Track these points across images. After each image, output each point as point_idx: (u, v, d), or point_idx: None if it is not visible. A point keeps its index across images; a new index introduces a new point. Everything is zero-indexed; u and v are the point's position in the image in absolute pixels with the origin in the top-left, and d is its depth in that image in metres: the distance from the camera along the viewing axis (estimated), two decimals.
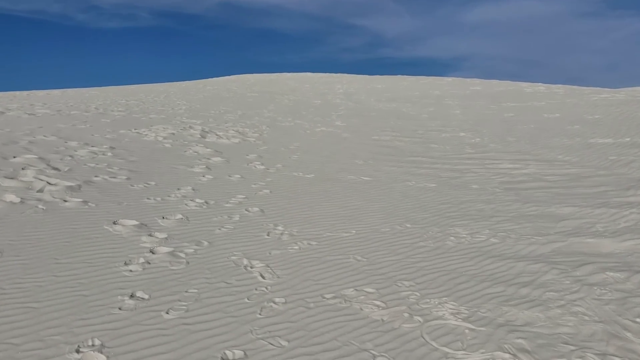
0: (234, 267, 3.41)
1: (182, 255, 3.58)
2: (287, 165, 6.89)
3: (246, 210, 4.74)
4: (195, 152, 7.47)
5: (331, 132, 10.21)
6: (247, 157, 7.38)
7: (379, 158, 7.64)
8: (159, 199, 4.94)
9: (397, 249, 3.81)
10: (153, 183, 5.53)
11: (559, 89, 19.31)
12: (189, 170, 6.26)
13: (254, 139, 8.95)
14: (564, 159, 7.56)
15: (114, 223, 4.16)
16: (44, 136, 7.68)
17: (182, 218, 4.40)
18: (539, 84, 21.84)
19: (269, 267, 3.42)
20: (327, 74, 45.77)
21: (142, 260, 3.45)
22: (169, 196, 5.06)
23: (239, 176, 6.12)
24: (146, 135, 8.54)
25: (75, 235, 3.82)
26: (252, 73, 46.30)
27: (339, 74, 42.01)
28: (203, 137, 8.78)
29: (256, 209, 4.79)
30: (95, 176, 5.60)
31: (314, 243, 3.92)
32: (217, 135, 9.01)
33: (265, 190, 5.49)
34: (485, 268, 3.48)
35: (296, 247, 3.80)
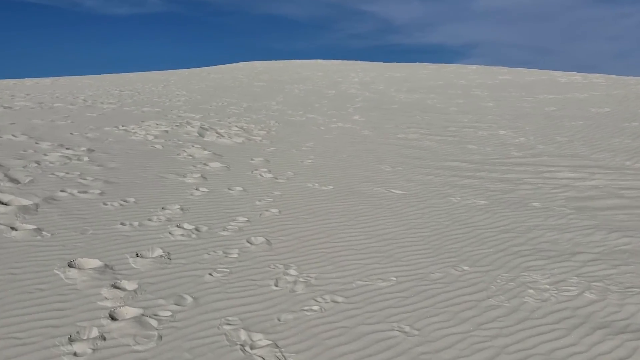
0: (226, 346, 2.40)
1: (154, 323, 2.58)
2: (299, 173, 5.86)
3: (248, 241, 3.73)
4: (190, 155, 6.46)
5: (349, 128, 9.16)
6: (252, 161, 6.36)
7: (409, 163, 6.58)
8: (136, 223, 3.95)
9: (459, 312, 2.78)
10: (132, 199, 4.54)
11: (598, 78, 18.01)
12: (180, 181, 5.26)
13: (260, 138, 7.92)
14: (635, 166, 6.45)
15: (69, 265, 3.18)
16: (13, 135, 6.72)
17: (161, 255, 3.40)
18: (573, 72, 20.52)
19: (276, 346, 2.41)
20: (340, 61, 44.61)
21: (94, 333, 2.45)
22: (149, 219, 4.06)
23: (240, 189, 5.10)
24: (134, 133, 7.55)
25: (10, 286, 2.83)
26: (260, 60, 45.22)
27: (352, 61, 40.83)
28: (201, 135, 7.77)
29: (261, 239, 3.78)
30: (62, 190, 4.62)
31: (340, 299, 2.90)
32: (217, 133, 8.00)
33: (272, 210, 4.48)
34: (596, 350, 2.43)
35: (316, 308, 2.79)
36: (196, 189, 4.99)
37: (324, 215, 4.39)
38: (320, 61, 44.70)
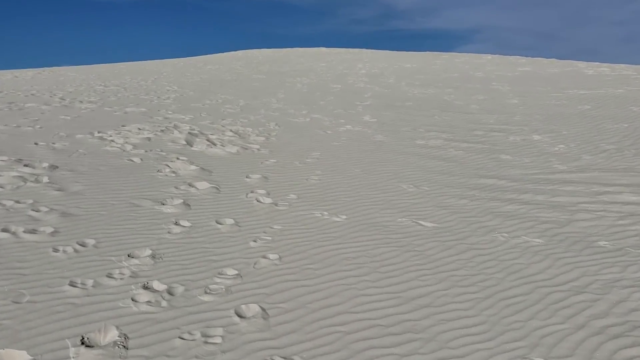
0: None
1: None
2: (304, 196, 4.95)
3: (237, 313, 2.83)
4: (174, 171, 5.55)
5: (359, 132, 8.22)
6: (247, 179, 5.44)
7: (436, 180, 5.65)
8: (90, 282, 3.06)
9: None
10: (92, 242, 3.64)
11: (627, 70, 16.98)
12: (156, 211, 4.35)
13: (257, 146, 7.00)
14: None
15: None
16: None
17: (116, 343, 2.50)
18: (598, 63, 19.46)
19: None
20: (344, 49, 43.60)
21: None
22: (109, 275, 3.17)
23: (231, 221, 4.19)
24: (111, 142, 6.64)
25: None
26: (261, 48, 44.14)
27: (357, 49, 39.81)
28: (189, 143, 6.85)
29: (255, 308, 2.89)
30: (3, 229, 3.72)
31: None
32: (208, 140, 7.08)
33: (271, 255, 3.57)
34: None
35: None
36: (175, 223, 4.09)
37: (337, 265, 3.48)
38: (323, 49, 43.63)
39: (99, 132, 7.13)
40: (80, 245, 3.58)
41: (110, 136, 6.95)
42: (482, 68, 18.60)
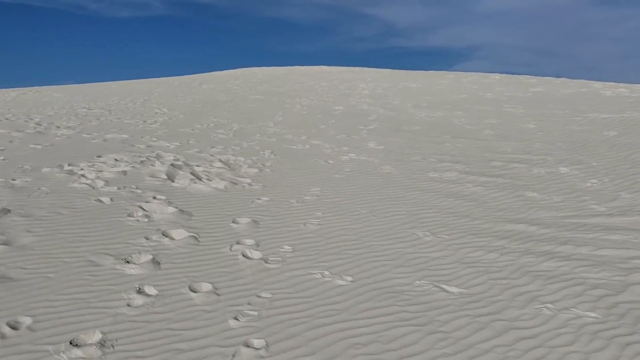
0: None
1: None
2: (301, 248, 4.21)
3: None
4: (147, 215, 4.82)
5: (365, 162, 7.52)
6: (234, 224, 4.71)
7: (456, 225, 4.91)
8: None
9: None
10: (27, 322, 2.90)
11: None
12: (117, 272, 3.61)
13: (249, 180, 6.28)
14: None
15: None
16: None
17: None
18: (614, 83, 18.88)
19: None
20: (346, 67, 43.30)
21: None
22: None
23: (208, 287, 3.45)
24: (80, 177, 5.92)
25: None
26: (261, 65, 43.81)
27: (359, 68, 39.48)
28: (170, 178, 6.14)
29: None
30: None
31: None
32: (193, 173, 6.36)
33: (256, 342, 2.83)
34: None
35: None
36: (138, 290, 3.34)
37: (343, 356, 2.72)
38: (324, 68, 43.33)
39: (69, 165, 6.42)
40: (11, 327, 2.83)
41: (82, 169, 6.24)
42: (491, 88, 18.00)
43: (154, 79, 31.32)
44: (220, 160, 7.19)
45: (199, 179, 6.15)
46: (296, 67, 45.67)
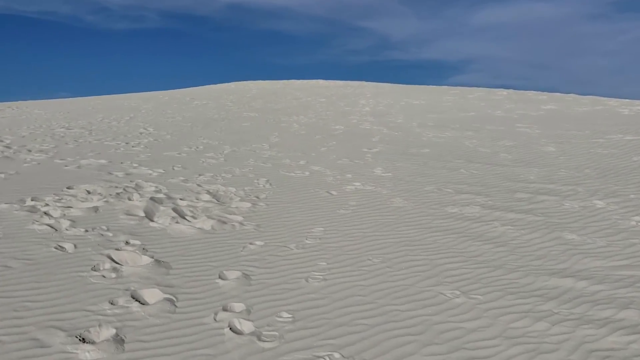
0: None
1: None
2: (303, 318, 3.45)
3: None
4: (115, 268, 4.05)
5: (372, 193, 6.79)
6: (220, 281, 3.95)
7: (490, 281, 4.16)
8: None
9: None
10: None
11: None
12: (66, 356, 2.83)
13: (240, 218, 5.53)
14: None
15: None
16: None
17: None
18: (629, 100, 18.32)
19: None
20: (343, 82, 42.94)
21: None
22: None
23: None
24: (43, 216, 5.16)
25: None
26: (257, 78, 43.40)
27: (357, 82, 39.08)
28: (149, 215, 5.38)
29: None
30: None
31: None
32: (175, 210, 5.61)
33: None
34: None
35: None
36: None
37: None
38: (321, 82, 42.96)
39: (32, 199, 5.66)
40: None
41: (46, 205, 5.48)
42: (500, 105, 17.39)
43: (145, 93, 30.74)
44: (208, 192, 6.45)
45: (182, 216, 5.40)
46: (292, 81, 45.24)
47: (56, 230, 4.78)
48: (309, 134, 11.91)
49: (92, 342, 3.01)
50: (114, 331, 3.13)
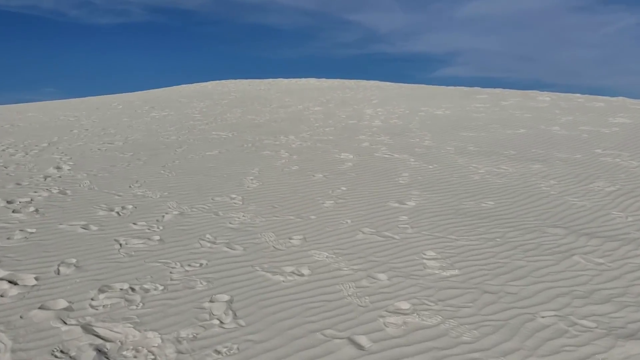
0: None
1: None
2: None
3: None
4: None
5: (444, 340, 3.50)
6: None
7: None
8: None
9: None
10: None
11: None
12: None
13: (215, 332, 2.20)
14: None
15: None
16: None
17: None
18: None
19: None
20: (339, 80, 39.86)
21: None
22: None
23: None
24: None
25: None
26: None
27: (354, 81, 36.00)
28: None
29: None
30: None
31: None
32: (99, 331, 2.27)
33: None
34: None
35: None
36: None
37: None
38: (312, 81, 39.83)
39: None
40: None
41: None
42: (552, 117, 14.24)
43: (101, 96, 27.39)
44: (158, 287, 3.15)
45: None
46: (278, 80, 42.00)
47: None
48: (303, 170, 8.64)
49: None
50: None
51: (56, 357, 3.20)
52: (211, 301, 4.02)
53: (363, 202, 6.81)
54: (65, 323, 3.61)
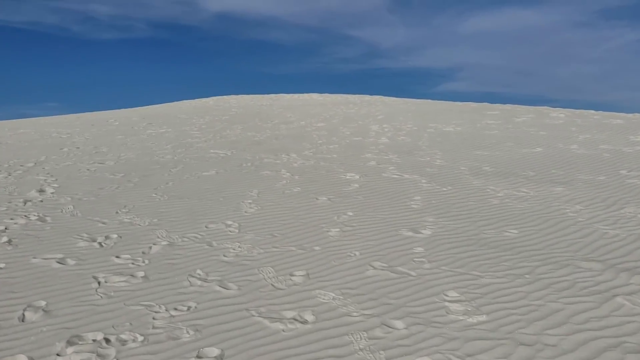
0: None
1: None
2: None
3: None
4: None
5: None
6: None
7: None
8: None
9: None
10: None
11: None
12: None
13: None
14: None
15: None
16: None
17: None
18: None
19: None
20: (341, 96, 39.50)
21: None
22: None
23: None
24: None
25: None
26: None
27: (358, 96, 35.62)
28: None
29: None
30: None
31: None
32: None
33: None
34: None
35: None
36: None
37: None
38: (315, 96, 39.45)
39: None
40: None
41: None
42: (568, 135, 13.69)
43: (98, 112, 27.01)
44: None
45: None
46: (280, 95, 41.61)
47: None
48: (306, 192, 8.09)
49: None
50: None
51: None
52: (199, 357, 3.45)
53: (372, 230, 6.24)
54: None
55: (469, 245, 5.69)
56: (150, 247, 5.52)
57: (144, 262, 5.12)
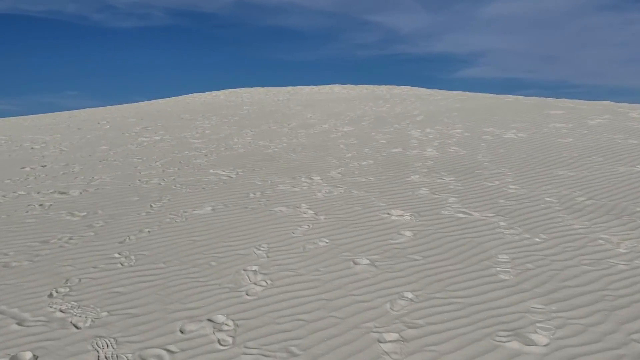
0: None
1: None
2: None
3: None
4: None
5: None
6: None
7: None
8: None
9: None
10: None
11: None
12: None
13: None
14: None
15: None
16: None
17: None
18: None
19: None
20: (366, 86, 37.24)
21: None
22: None
23: None
24: None
25: None
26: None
27: (385, 87, 33.40)
28: None
29: None
30: None
31: None
32: None
33: None
34: None
35: None
36: None
37: None
38: (336, 88, 37.34)
39: None
40: None
41: None
42: (598, 140, 11.22)
43: (93, 109, 25.23)
44: None
45: None
46: (299, 87, 39.39)
47: None
48: (337, 247, 5.85)
49: None
50: None
51: None
52: None
53: (452, 335, 3.97)
54: None
55: None
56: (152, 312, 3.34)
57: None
